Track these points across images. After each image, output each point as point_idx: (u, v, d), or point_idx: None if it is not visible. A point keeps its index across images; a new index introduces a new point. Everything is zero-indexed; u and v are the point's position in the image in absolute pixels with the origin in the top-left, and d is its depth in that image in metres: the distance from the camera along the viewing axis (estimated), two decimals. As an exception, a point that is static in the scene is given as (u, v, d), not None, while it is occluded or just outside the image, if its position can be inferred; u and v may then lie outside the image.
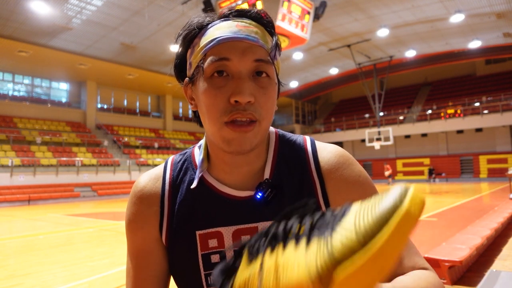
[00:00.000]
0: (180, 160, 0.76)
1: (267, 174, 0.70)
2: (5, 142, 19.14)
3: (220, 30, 0.63)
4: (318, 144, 0.74)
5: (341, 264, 0.30)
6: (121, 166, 21.26)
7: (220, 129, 0.62)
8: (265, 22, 0.66)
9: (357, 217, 0.32)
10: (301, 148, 0.73)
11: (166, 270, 0.72)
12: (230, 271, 0.42)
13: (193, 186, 0.69)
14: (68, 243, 6.87)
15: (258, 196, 0.67)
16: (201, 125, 0.70)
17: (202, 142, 0.76)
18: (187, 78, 0.69)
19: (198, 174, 0.70)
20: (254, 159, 0.70)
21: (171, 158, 0.77)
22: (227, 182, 0.70)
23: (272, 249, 0.37)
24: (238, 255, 0.42)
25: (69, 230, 8.49)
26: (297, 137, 0.76)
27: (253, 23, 0.64)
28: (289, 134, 0.77)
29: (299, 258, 0.34)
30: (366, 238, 0.29)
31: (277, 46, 0.66)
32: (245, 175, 0.70)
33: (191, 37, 0.66)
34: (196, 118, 0.72)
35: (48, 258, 5.54)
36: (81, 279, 4.35)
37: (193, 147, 0.78)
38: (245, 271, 0.39)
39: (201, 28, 0.65)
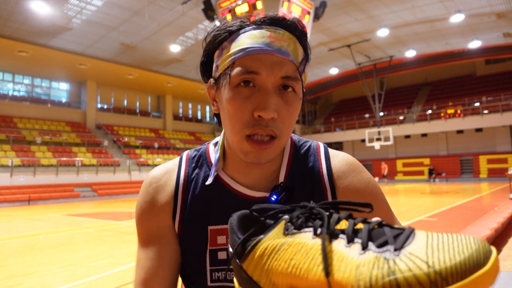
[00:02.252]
0: (195, 156, 0.77)
1: (282, 177, 0.71)
2: (5, 142, 19.13)
3: (252, 39, 0.62)
4: (331, 151, 0.76)
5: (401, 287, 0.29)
6: (121, 166, 21.24)
7: (240, 141, 0.63)
8: (298, 33, 0.64)
9: (429, 250, 0.30)
10: (315, 154, 0.75)
11: (178, 257, 0.72)
12: (257, 228, 0.42)
13: (208, 182, 0.71)
14: (68, 243, 6.86)
15: (273, 199, 0.68)
16: (220, 125, 0.72)
17: (218, 139, 0.76)
18: (212, 79, 0.69)
19: (213, 173, 0.71)
20: (269, 163, 0.71)
21: (185, 154, 0.79)
22: (241, 181, 0.71)
23: (316, 234, 0.36)
24: (275, 220, 0.41)
25: (69, 230, 8.49)
26: (311, 143, 0.77)
27: (286, 33, 0.63)
28: (303, 139, 0.78)
29: (348, 258, 0.32)
30: (437, 277, 0.28)
31: (307, 58, 0.66)
32: (259, 176, 0.71)
33: (220, 39, 0.65)
34: (217, 119, 0.73)
35: (48, 258, 5.53)
36: (81, 279, 4.35)
37: (208, 143, 0.79)
38: (276, 240, 0.38)
39: (232, 33, 0.64)
